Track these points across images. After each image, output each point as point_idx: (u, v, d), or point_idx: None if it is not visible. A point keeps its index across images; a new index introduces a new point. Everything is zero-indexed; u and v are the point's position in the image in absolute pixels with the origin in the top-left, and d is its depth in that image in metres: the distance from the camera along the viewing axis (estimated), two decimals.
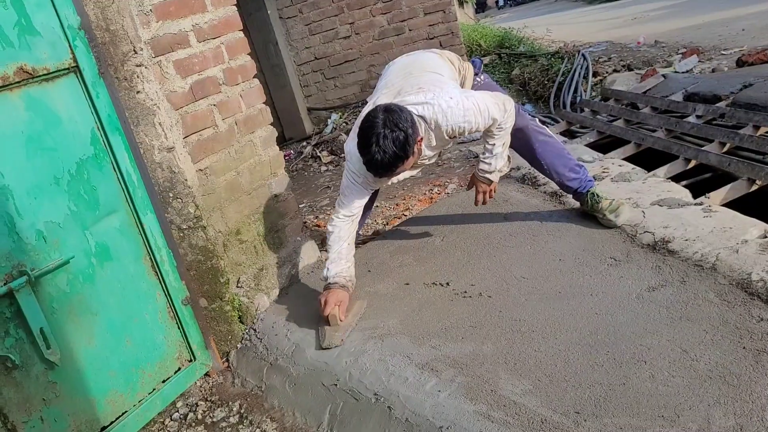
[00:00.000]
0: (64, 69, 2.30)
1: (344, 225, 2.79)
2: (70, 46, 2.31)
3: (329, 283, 2.73)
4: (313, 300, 2.94)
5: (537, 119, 3.37)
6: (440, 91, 2.64)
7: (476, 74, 3.05)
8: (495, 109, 2.64)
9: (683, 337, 2.08)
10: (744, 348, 1.96)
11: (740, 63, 5.99)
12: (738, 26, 8.19)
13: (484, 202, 2.96)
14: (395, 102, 2.59)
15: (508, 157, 2.88)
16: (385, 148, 2.39)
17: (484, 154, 2.84)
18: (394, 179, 2.86)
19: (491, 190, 2.92)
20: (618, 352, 2.09)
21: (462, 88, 2.94)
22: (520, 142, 2.99)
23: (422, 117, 2.59)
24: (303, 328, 2.76)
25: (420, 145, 2.57)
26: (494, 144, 2.77)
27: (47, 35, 2.24)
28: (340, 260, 2.76)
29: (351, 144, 2.68)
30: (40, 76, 2.22)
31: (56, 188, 2.28)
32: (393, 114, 2.43)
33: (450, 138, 2.71)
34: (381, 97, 2.75)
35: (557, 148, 3.02)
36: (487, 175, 2.85)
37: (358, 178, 2.75)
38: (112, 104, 2.46)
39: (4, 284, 2.10)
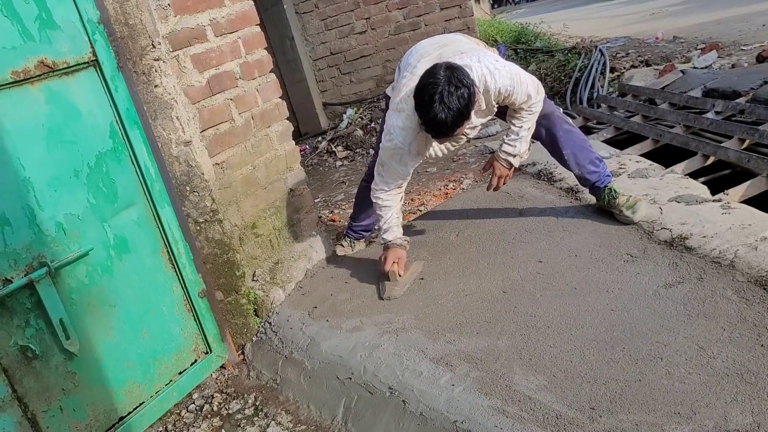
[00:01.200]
0: (84, 63, 2.32)
1: (390, 197, 2.86)
2: (89, 40, 2.33)
3: (388, 243, 2.87)
4: (329, 294, 2.97)
5: (560, 109, 3.34)
6: (483, 54, 2.62)
7: None
8: (531, 85, 2.64)
9: (700, 334, 2.07)
10: (762, 346, 1.94)
11: (760, 59, 5.92)
12: (758, 21, 8.09)
13: (497, 188, 2.93)
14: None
15: (530, 143, 2.86)
16: (450, 104, 2.34)
17: (509, 135, 2.80)
18: (438, 149, 2.81)
19: (506, 177, 2.90)
20: (634, 348, 2.08)
21: None
22: (544, 129, 2.94)
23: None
24: (318, 322, 2.77)
25: (479, 102, 2.54)
26: (521, 126, 2.74)
27: (67, 29, 2.26)
28: (393, 228, 2.88)
29: (394, 118, 2.66)
30: (60, 69, 2.24)
31: (76, 181, 2.30)
32: (456, 71, 2.39)
33: (496, 104, 2.67)
34: (421, 65, 2.65)
35: (580, 139, 2.99)
36: (510, 158, 2.83)
37: (398, 152, 2.70)
38: (131, 98, 2.48)
39: (25, 275, 2.13)
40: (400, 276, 2.86)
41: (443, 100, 2.34)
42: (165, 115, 2.56)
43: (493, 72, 2.54)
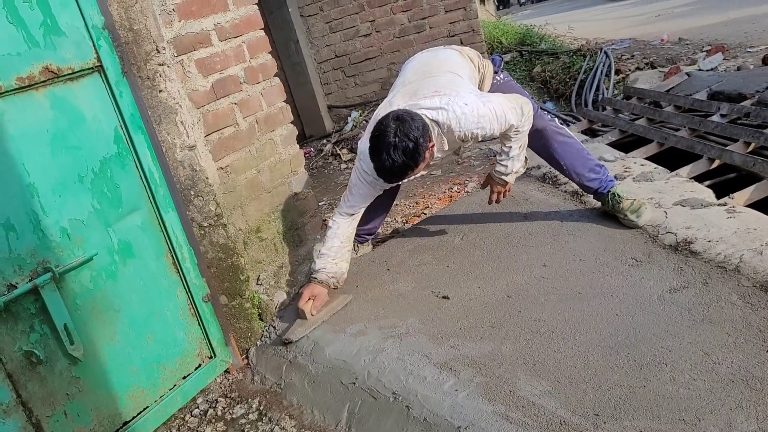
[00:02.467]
0: (89, 68, 2.33)
1: (343, 222, 2.85)
2: (94, 45, 2.34)
3: (311, 277, 2.83)
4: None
5: (556, 120, 3.35)
6: (456, 95, 2.63)
7: (496, 72, 3.04)
8: (512, 114, 2.63)
9: (705, 339, 2.06)
10: (767, 352, 1.93)
11: (766, 61, 5.89)
12: (765, 23, 8.05)
13: (497, 201, 2.97)
14: (411, 103, 2.61)
15: (525, 158, 2.87)
16: (395, 157, 2.42)
17: (500, 156, 2.83)
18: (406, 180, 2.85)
19: (506, 190, 2.93)
20: (638, 354, 2.07)
21: (481, 86, 2.94)
22: (539, 144, 2.98)
23: (436, 122, 2.59)
24: (322, 326, 2.77)
25: (432, 150, 2.58)
26: (511, 147, 2.77)
27: (72, 35, 2.27)
28: (328, 257, 2.82)
29: (364, 143, 2.69)
30: (64, 75, 2.25)
31: (80, 186, 2.31)
32: (404, 123, 2.44)
33: (463, 141, 2.71)
34: (397, 96, 2.76)
35: (576, 149, 3.01)
36: (503, 177, 2.85)
37: (368, 177, 2.77)
38: (135, 103, 2.49)
39: (30, 280, 2.14)
40: (312, 315, 2.77)
41: (389, 152, 2.42)
42: (169, 119, 2.57)
43: (459, 117, 2.57)
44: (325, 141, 6.70)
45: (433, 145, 2.58)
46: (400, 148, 2.41)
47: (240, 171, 2.84)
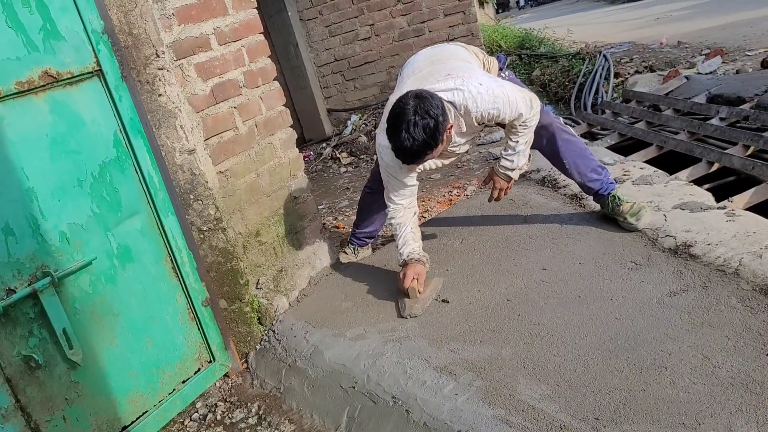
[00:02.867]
0: (88, 73, 2.33)
1: (401, 212, 2.85)
2: (93, 50, 2.34)
3: (406, 260, 2.81)
4: (333, 302, 2.96)
5: (561, 118, 3.35)
6: (469, 77, 2.62)
7: (501, 69, 3.03)
8: (522, 103, 2.63)
9: (705, 343, 2.06)
10: (767, 355, 1.93)
11: (765, 64, 5.91)
12: (763, 26, 8.08)
13: (498, 199, 2.95)
14: (425, 88, 2.57)
15: (529, 155, 2.86)
16: (415, 135, 2.38)
17: (506, 150, 2.82)
18: (426, 166, 2.84)
19: (508, 188, 2.91)
20: (638, 357, 2.07)
21: None
22: (544, 140, 2.97)
23: (452, 103, 2.57)
24: (322, 330, 2.77)
25: (450, 132, 2.56)
26: (517, 141, 2.75)
27: (71, 39, 2.27)
28: (409, 242, 2.83)
29: (381, 137, 2.68)
30: (64, 79, 2.25)
31: (79, 190, 2.31)
32: (424, 101, 2.41)
33: (479, 125, 2.70)
34: (408, 83, 2.73)
35: (580, 148, 3.00)
36: (508, 172, 2.84)
37: (392, 170, 2.76)
38: (135, 107, 2.49)
39: (29, 285, 2.13)
40: (420, 293, 2.78)
41: (409, 130, 2.39)
42: (169, 123, 2.57)
43: (475, 96, 2.56)
44: (324, 144, 6.71)
45: (451, 126, 2.56)
46: (420, 125, 2.38)
47: (239, 175, 2.84)
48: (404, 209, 2.84)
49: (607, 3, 18.53)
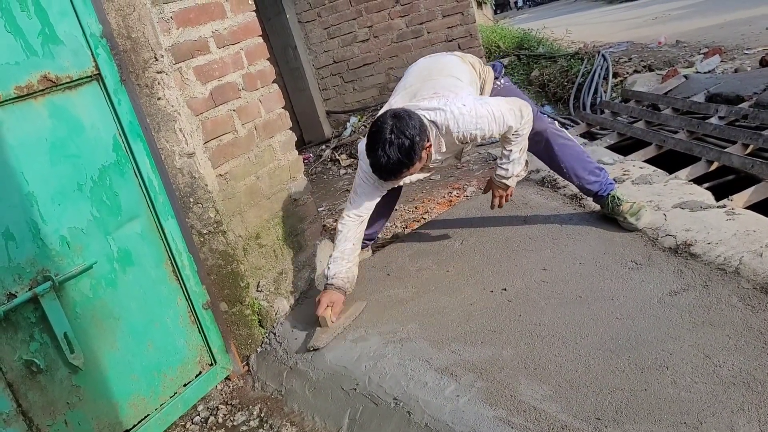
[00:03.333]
0: (87, 77, 2.33)
1: (352, 225, 2.82)
2: (92, 54, 2.34)
3: (326, 284, 2.78)
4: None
5: (556, 122, 3.36)
6: (454, 96, 2.65)
7: (496, 78, 3.04)
8: (510, 116, 2.63)
9: (706, 342, 2.06)
10: None
11: (764, 63, 5.90)
12: (762, 24, 8.07)
13: (500, 206, 2.97)
14: (410, 105, 2.62)
15: (526, 161, 2.87)
16: (390, 154, 2.44)
17: (500, 159, 2.83)
18: (406, 180, 2.85)
19: (508, 195, 2.92)
20: (639, 357, 2.07)
21: (482, 91, 2.95)
22: (540, 146, 2.99)
23: (434, 122, 2.60)
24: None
25: (429, 150, 2.59)
26: (511, 150, 2.76)
27: (70, 43, 2.27)
28: (342, 260, 2.79)
29: (363, 143, 2.70)
30: (63, 84, 2.25)
31: (79, 194, 2.31)
32: (401, 120, 2.46)
33: (462, 143, 2.72)
34: (397, 98, 2.79)
35: (577, 151, 3.01)
36: (504, 181, 2.85)
37: (369, 178, 2.77)
38: (134, 111, 2.49)
39: (29, 289, 2.13)
40: (332, 322, 2.73)
41: (384, 149, 2.44)
42: (168, 127, 2.57)
43: (457, 117, 2.58)
44: (324, 147, 6.71)
45: (430, 145, 2.59)
46: (395, 144, 2.43)
47: (239, 178, 2.84)
48: (357, 225, 2.83)
49: (605, 2, 18.55)
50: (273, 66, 3.07)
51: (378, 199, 2.87)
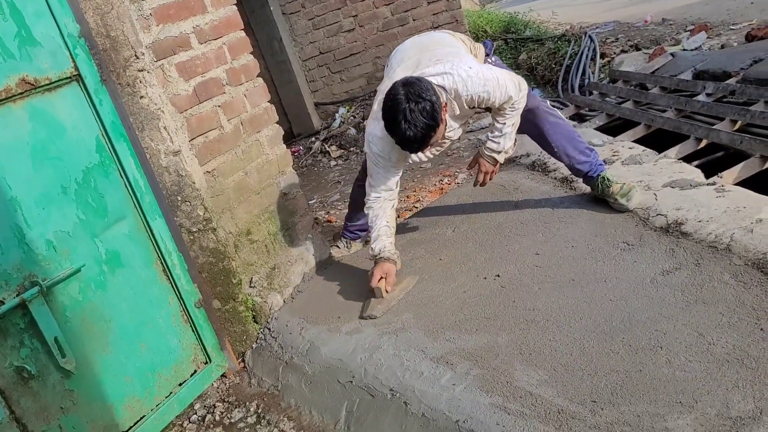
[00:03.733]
0: (66, 78, 2.30)
1: (379, 203, 2.82)
2: (70, 54, 2.31)
3: (376, 258, 2.78)
4: (327, 297, 2.95)
5: (548, 101, 3.34)
6: (459, 61, 2.63)
7: (487, 55, 3.02)
8: (511, 85, 2.63)
9: (699, 320, 2.05)
10: (762, 330, 1.93)
11: (749, 38, 5.90)
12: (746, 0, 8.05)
13: (483, 184, 2.93)
14: (415, 74, 2.57)
15: (515, 139, 2.85)
16: (415, 121, 2.39)
17: (492, 132, 2.80)
18: (422, 156, 2.84)
19: (494, 172, 2.90)
20: (633, 338, 2.07)
21: None
22: (531, 124, 2.96)
23: (442, 87, 2.57)
24: (317, 326, 2.76)
25: (445, 112, 2.56)
26: (504, 123, 2.75)
27: (48, 45, 2.24)
28: (381, 237, 2.79)
29: (373, 126, 2.68)
30: (42, 86, 2.22)
31: (64, 197, 2.28)
32: (413, 86, 2.41)
33: (470, 108, 2.70)
34: (398, 71, 2.73)
35: (567, 130, 2.99)
36: (494, 155, 2.82)
37: (380, 160, 2.74)
38: (116, 111, 2.46)
39: (17, 295, 2.11)
40: (386, 293, 2.75)
41: (407, 118, 2.38)
42: (152, 125, 2.54)
43: (465, 79, 2.56)
44: (313, 139, 6.68)
45: (446, 105, 2.56)
46: (416, 110, 2.38)
47: (227, 174, 2.82)
48: (384, 201, 2.82)
49: None
50: (258, 59, 3.04)
51: (396, 176, 2.83)
